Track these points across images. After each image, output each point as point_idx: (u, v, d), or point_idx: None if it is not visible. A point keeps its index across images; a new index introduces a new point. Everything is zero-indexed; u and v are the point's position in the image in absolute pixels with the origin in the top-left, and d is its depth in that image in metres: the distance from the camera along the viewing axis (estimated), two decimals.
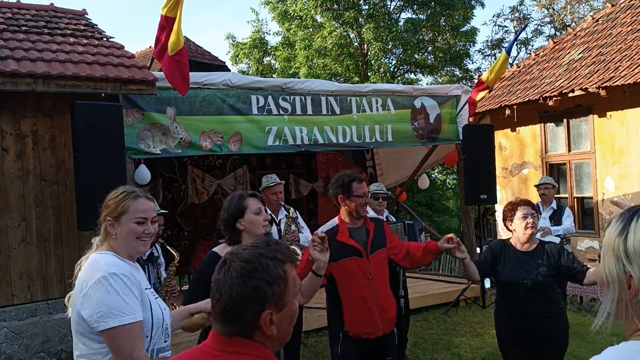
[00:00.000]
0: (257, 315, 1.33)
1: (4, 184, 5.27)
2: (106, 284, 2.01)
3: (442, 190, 19.73)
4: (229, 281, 1.35)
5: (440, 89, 8.02)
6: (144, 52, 15.53)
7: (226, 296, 1.34)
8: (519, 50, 20.90)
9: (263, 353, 1.37)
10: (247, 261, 1.36)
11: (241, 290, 1.33)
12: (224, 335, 1.37)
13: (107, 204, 2.24)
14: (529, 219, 3.56)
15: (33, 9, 6.65)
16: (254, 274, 1.34)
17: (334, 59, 16.52)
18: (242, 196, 2.90)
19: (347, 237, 3.42)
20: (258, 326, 1.34)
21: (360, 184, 3.46)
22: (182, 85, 5.13)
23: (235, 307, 1.33)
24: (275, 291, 1.34)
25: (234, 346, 1.35)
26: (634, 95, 7.76)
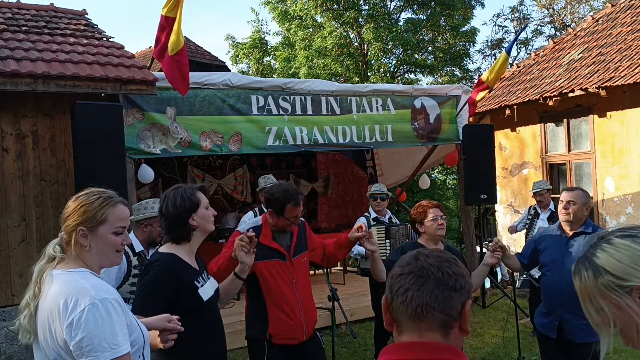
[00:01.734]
0: (464, 304, 1.27)
1: (4, 184, 5.27)
2: (97, 313, 1.75)
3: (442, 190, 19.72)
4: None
5: (440, 89, 8.02)
6: (144, 52, 15.53)
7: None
8: (519, 50, 20.90)
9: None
10: (444, 252, 1.35)
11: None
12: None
13: (78, 211, 1.91)
14: (439, 220, 3.57)
15: (33, 9, 6.65)
16: (457, 262, 1.31)
17: (334, 59, 16.51)
18: (193, 190, 2.64)
19: (270, 240, 3.32)
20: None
21: (295, 207, 3.25)
22: (182, 85, 5.13)
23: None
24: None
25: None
26: (634, 95, 7.76)
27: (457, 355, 1.24)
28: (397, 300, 1.26)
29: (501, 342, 5.95)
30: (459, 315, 1.25)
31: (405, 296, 1.25)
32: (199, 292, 2.57)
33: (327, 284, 3.94)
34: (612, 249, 1.24)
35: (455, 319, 1.25)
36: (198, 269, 2.67)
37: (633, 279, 1.19)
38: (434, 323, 1.23)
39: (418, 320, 1.24)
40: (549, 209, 6.79)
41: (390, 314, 1.30)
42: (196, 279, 2.60)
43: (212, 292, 2.67)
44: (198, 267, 2.68)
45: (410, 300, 1.24)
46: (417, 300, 1.23)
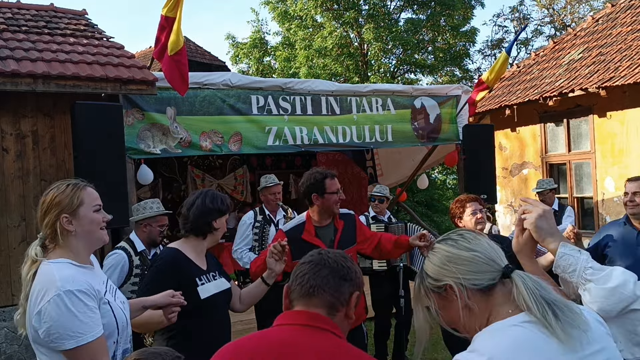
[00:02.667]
0: (352, 294, 1.51)
1: (4, 184, 5.27)
2: (60, 303, 1.86)
3: (442, 190, 19.72)
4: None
5: (440, 89, 8.01)
6: (144, 52, 15.53)
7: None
8: (519, 50, 20.91)
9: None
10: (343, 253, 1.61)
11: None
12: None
13: (53, 202, 2.02)
14: (478, 215, 3.56)
15: (33, 9, 6.65)
16: (352, 261, 1.60)
17: (334, 59, 16.51)
18: (221, 198, 2.81)
19: (312, 236, 3.36)
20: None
21: (332, 180, 3.39)
22: (182, 86, 5.13)
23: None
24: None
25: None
26: (634, 95, 7.76)
27: (335, 329, 1.43)
28: (295, 283, 1.48)
29: None
30: (346, 302, 1.47)
31: (303, 279, 1.47)
32: (197, 290, 2.63)
33: None
34: (431, 253, 1.46)
35: (342, 305, 1.47)
36: (205, 268, 2.74)
37: (444, 278, 1.39)
38: (323, 301, 1.45)
39: (309, 298, 1.45)
40: (552, 208, 6.78)
41: (288, 298, 1.50)
42: (198, 277, 2.67)
43: (214, 291, 2.70)
44: (206, 267, 2.75)
45: (306, 282, 1.46)
46: (312, 282, 1.46)
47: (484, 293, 1.36)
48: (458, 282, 1.37)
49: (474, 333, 1.36)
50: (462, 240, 1.42)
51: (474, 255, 1.38)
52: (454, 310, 1.39)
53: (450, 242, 1.44)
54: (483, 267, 1.37)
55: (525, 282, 1.33)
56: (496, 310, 1.35)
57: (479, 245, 1.40)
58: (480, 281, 1.36)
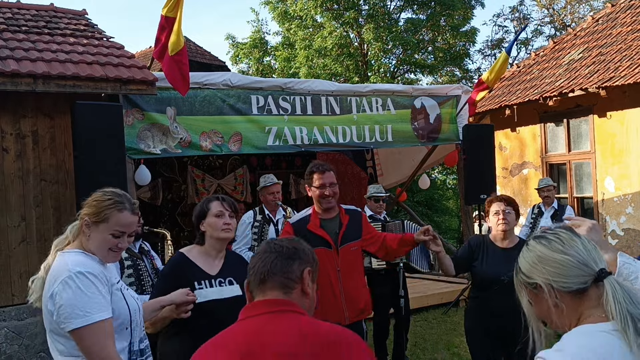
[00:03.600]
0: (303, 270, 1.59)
1: (4, 184, 5.27)
2: (72, 283, 1.97)
3: (442, 190, 19.72)
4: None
5: (440, 89, 8.01)
6: (144, 52, 15.53)
7: None
8: (519, 50, 20.90)
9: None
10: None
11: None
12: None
13: (90, 204, 2.16)
14: (501, 215, 3.58)
15: (33, 9, 6.65)
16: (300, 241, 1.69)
17: (334, 59, 16.50)
18: (208, 199, 2.89)
19: (317, 227, 3.42)
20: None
21: (321, 174, 3.44)
22: (183, 86, 5.13)
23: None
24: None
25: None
26: (634, 95, 7.76)
27: (292, 306, 1.51)
28: (250, 274, 1.57)
29: None
30: (299, 279, 1.55)
31: (254, 269, 1.56)
32: (194, 294, 2.64)
33: None
34: (525, 250, 1.48)
35: (296, 282, 1.54)
36: (215, 273, 2.77)
37: (535, 277, 1.42)
38: (275, 284, 1.52)
39: (262, 285, 1.53)
40: (552, 207, 6.79)
41: (249, 291, 1.58)
42: (198, 281, 2.69)
43: (213, 297, 2.69)
44: (218, 271, 2.78)
45: (257, 270, 1.55)
46: (262, 269, 1.54)
47: (575, 296, 1.37)
48: (547, 282, 1.39)
49: (566, 330, 1.39)
50: (556, 241, 1.42)
51: (565, 259, 1.38)
52: (544, 307, 1.41)
53: (545, 241, 1.44)
54: (573, 272, 1.37)
55: (615, 291, 1.33)
56: (588, 312, 1.36)
57: (573, 247, 1.40)
58: (569, 285, 1.37)
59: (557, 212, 6.74)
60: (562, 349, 1.32)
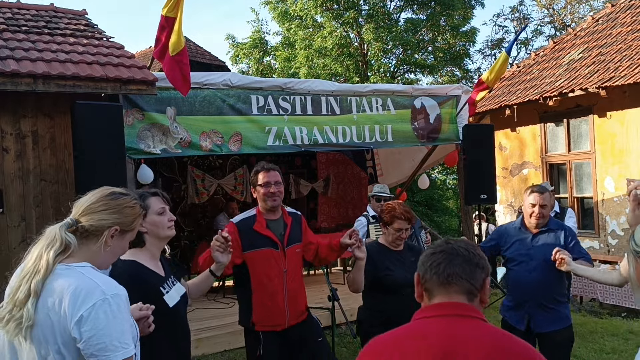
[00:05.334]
0: (485, 280, 1.57)
1: (4, 184, 5.27)
2: (107, 309, 1.68)
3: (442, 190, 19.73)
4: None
5: (440, 89, 8.01)
6: (144, 52, 15.53)
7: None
8: (519, 50, 20.92)
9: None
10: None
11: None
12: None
13: (119, 209, 1.87)
14: (402, 234, 3.60)
15: (33, 9, 6.65)
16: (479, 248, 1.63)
17: (334, 59, 16.51)
18: (142, 195, 2.57)
19: (264, 228, 3.37)
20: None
21: (266, 172, 3.38)
22: (183, 86, 5.13)
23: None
24: None
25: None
26: (634, 95, 7.76)
27: (479, 314, 1.51)
28: (431, 272, 1.54)
29: None
30: (481, 288, 1.53)
31: (438, 268, 1.53)
32: (164, 299, 2.51)
33: (327, 284, 3.94)
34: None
35: (478, 290, 1.53)
36: (163, 274, 2.61)
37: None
38: (462, 288, 1.51)
39: (448, 286, 1.51)
40: (553, 210, 6.78)
41: (422, 285, 1.57)
42: (162, 285, 2.54)
43: (177, 298, 2.60)
44: (164, 273, 2.62)
45: (443, 271, 1.52)
46: (448, 270, 1.52)
47: None
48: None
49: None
50: None
51: None
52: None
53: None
54: None
55: None
56: None
57: None
58: None
59: (558, 215, 6.73)
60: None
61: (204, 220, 9.45)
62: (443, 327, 1.47)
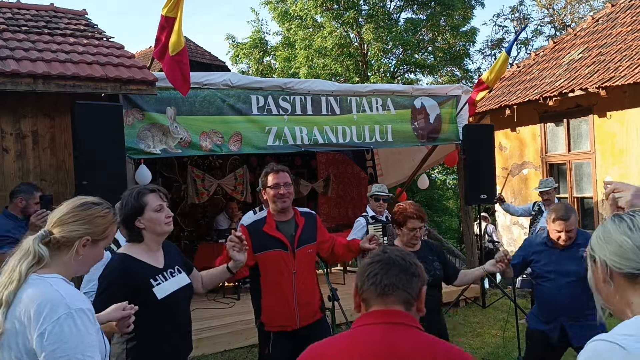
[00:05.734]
0: (421, 288, 1.62)
1: (4, 184, 5.27)
2: (71, 323, 1.69)
3: (442, 190, 19.73)
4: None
5: (440, 89, 8.01)
6: (144, 52, 15.53)
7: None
8: (519, 50, 20.91)
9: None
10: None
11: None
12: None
13: (89, 219, 1.88)
14: (417, 233, 3.59)
15: (33, 9, 6.65)
16: (414, 257, 1.66)
17: (334, 59, 16.51)
18: (140, 192, 2.62)
19: (273, 229, 3.38)
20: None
21: (275, 174, 3.40)
22: (184, 86, 5.14)
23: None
24: None
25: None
26: (634, 95, 7.76)
27: (415, 322, 1.54)
28: (368, 283, 1.55)
29: (501, 342, 5.95)
30: (417, 297, 1.57)
31: (375, 278, 1.54)
32: (153, 291, 2.53)
33: (327, 284, 3.93)
34: (600, 225, 1.49)
35: (415, 299, 1.56)
36: (162, 266, 2.63)
37: (596, 251, 1.44)
38: (399, 298, 1.53)
39: (385, 297, 1.53)
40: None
41: (360, 296, 1.58)
42: (153, 277, 2.57)
43: (172, 289, 2.61)
44: (163, 264, 2.65)
45: (380, 282, 1.54)
46: (385, 280, 1.54)
47: (628, 279, 1.37)
48: (603, 259, 1.41)
49: (613, 308, 1.41)
50: (627, 222, 1.41)
51: (625, 240, 1.38)
52: (598, 281, 1.43)
53: (617, 220, 1.43)
54: (629, 255, 1.37)
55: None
56: (638, 301, 1.35)
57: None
58: (621, 266, 1.37)
59: None
60: (611, 337, 1.31)
61: (204, 220, 9.45)
62: (380, 335, 1.49)
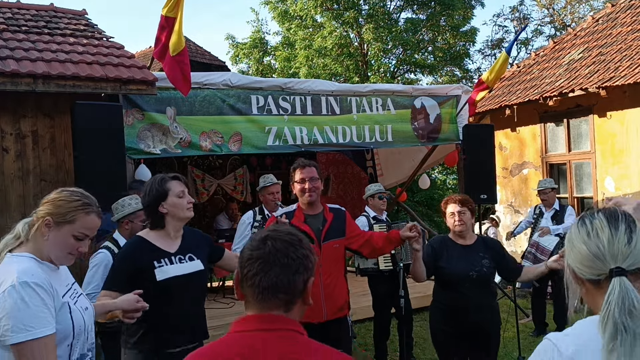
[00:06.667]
0: (306, 282, 1.41)
1: (4, 184, 5.27)
2: (15, 294, 1.83)
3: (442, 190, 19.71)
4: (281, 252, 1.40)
5: (440, 89, 8.01)
6: (144, 52, 15.53)
7: (277, 268, 1.38)
8: (519, 50, 20.91)
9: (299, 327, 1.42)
10: (291, 233, 1.44)
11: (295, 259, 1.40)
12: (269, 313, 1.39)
13: (55, 203, 2.02)
14: (457, 217, 3.65)
15: (33, 9, 6.65)
16: (301, 244, 1.44)
17: (334, 59, 16.50)
18: (163, 179, 2.79)
19: (301, 222, 3.45)
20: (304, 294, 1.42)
21: (302, 169, 3.52)
22: (184, 85, 5.13)
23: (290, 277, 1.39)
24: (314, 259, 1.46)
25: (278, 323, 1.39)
26: (634, 95, 7.76)
27: (290, 325, 1.39)
28: (247, 283, 1.40)
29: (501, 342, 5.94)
30: (302, 293, 1.41)
31: (254, 280, 1.38)
32: (154, 272, 2.66)
33: None
34: (573, 227, 1.47)
35: (298, 297, 1.41)
36: (174, 250, 2.77)
37: (567, 256, 1.44)
38: (278, 303, 1.38)
39: (263, 301, 1.38)
40: (553, 208, 6.79)
41: (242, 289, 1.44)
42: (157, 260, 2.70)
43: (173, 273, 2.72)
44: (177, 249, 2.78)
45: (258, 284, 1.37)
46: (264, 283, 1.37)
47: (592, 284, 1.37)
48: (570, 263, 1.42)
49: (590, 307, 1.40)
50: (587, 227, 1.39)
51: (583, 249, 1.38)
52: (572, 282, 1.43)
53: (580, 224, 1.42)
54: (587, 262, 1.37)
55: (613, 293, 1.30)
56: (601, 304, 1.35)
57: (597, 238, 1.36)
58: (582, 273, 1.38)
59: (558, 213, 6.73)
60: (564, 334, 1.35)
61: (204, 220, 9.45)
62: (245, 344, 1.36)
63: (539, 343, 1.45)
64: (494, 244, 3.82)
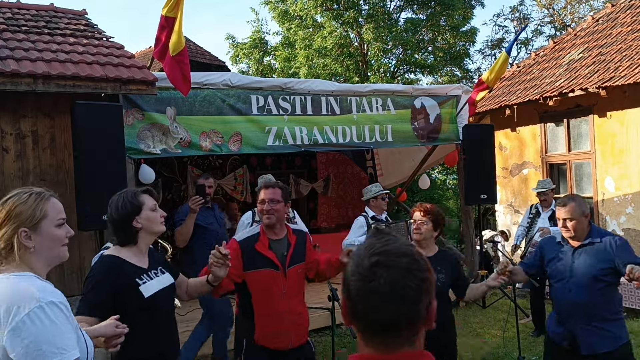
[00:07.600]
0: (429, 307, 1.21)
1: (4, 184, 5.27)
2: (43, 316, 1.66)
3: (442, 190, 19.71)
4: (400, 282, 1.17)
5: (440, 89, 8.01)
6: (144, 52, 15.53)
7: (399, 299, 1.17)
8: (519, 50, 20.90)
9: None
10: (405, 254, 1.21)
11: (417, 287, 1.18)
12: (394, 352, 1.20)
13: (12, 213, 1.81)
14: (414, 226, 3.57)
15: (33, 9, 6.65)
16: (419, 266, 1.21)
17: (334, 59, 16.50)
18: (136, 193, 2.69)
19: (265, 248, 3.29)
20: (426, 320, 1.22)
21: (265, 189, 3.35)
22: (184, 85, 5.14)
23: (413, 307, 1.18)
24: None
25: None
26: (634, 95, 7.76)
27: (423, 357, 1.22)
28: (360, 319, 1.21)
29: (501, 342, 5.95)
30: (425, 320, 1.22)
31: (370, 316, 1.19)
32: (140, 290, 2.59)
33: (327, 284, 3.94)
34: None
35: (422, 325, 1.22)
36: (146, 266, 2.70)
37: None
38: (401, 339, 1.20)
39: (384, 344, 1.20)
40: (550, 208, 6.78)
41: (351, 318, 1.24)
42: (139, 277, 2.63)
43: (158, 287, 2.67)
44: (148, 264, 2.71)
45: (376, 320, 1.18)
46: (383, 321, 1.18)
47: None
48: None
49: None
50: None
51: None
52: None
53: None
54: None
55: None
56: None
57: None
58: None
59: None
60: None
61: None
62: None
63: (539, 343, 1.43)
64: (452, 260, 3.69)
